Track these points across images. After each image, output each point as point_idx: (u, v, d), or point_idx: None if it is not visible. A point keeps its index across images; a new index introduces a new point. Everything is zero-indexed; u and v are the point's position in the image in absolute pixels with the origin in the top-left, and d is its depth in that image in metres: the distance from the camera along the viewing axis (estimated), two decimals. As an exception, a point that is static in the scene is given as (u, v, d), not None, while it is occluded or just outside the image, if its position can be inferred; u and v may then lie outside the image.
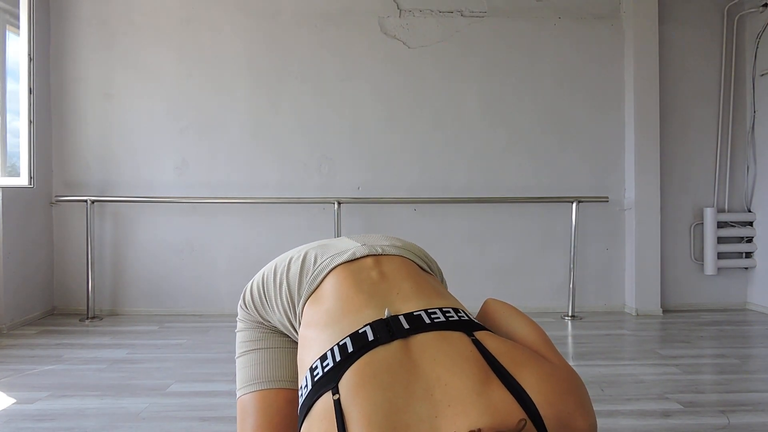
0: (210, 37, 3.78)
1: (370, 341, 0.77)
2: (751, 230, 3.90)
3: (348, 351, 0.76)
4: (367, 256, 1.02)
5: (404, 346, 0.77)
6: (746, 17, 3.93)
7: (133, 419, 1.98)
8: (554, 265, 3.86)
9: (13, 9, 3.22)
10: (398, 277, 0.95)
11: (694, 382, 2.38)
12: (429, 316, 0.82)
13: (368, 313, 0.84)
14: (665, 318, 3.68)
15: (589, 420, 0.71)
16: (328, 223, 3.73)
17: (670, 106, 3.89)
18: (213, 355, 2.79)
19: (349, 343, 0.78)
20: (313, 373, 0.77)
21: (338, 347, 0.78)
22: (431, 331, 0.79)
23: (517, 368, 0.72)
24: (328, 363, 0.76)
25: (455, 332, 0.79)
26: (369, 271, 0.97)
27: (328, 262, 1.02)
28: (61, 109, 3.76)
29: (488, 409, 0.66)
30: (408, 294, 0.90)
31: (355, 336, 0.79)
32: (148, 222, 3.78)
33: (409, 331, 0.79)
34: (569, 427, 0.69)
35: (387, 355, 0.75)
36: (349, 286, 0.94)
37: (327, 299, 0.94)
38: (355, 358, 0.74)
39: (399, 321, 0.81)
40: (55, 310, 3.76)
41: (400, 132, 3.84)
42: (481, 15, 3.85)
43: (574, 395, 0.72)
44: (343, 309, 0.88)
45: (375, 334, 0.78)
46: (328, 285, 0.98)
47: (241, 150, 3.80)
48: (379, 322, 0.81)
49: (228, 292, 3.76)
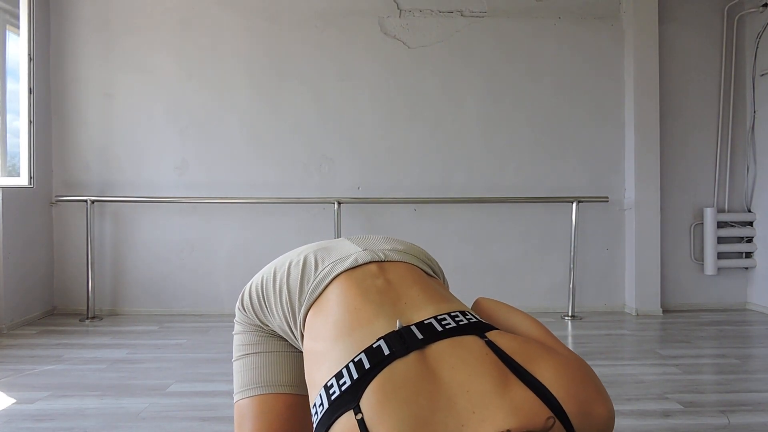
0: (210, 38, 3.78)
1: (387, 356, 0.76)
2: (751, 230, 3.90)
3: (365, 368, 0.75)
4: (371, 263, 1.00)
5: (421, 357, 0.76)
6: (746, 17, 3.93)
7: (133, 419, 1.98)
8: (554, 265, 3.86)
9: (13, 9, 3.22)
10: (404, 285, 0.94)
11: (694, 382, 2.38)
12: (440, 323, 0.82)
13: (379, 325, 0.83)
14: (665, 318, 3.68)
15: (608, 406, 0.73)
16: (328, 223, 3.73)
17: (670, 106, 3.89)
18: (213, 355, 2.79)
19: (365, 359, 0.77)
20: (329, 391, 0.76)
21: (354, 364, 0.77)
22: (445, 338, 0.79)
23: (532, 364, 0.73)
24: (345, 381, 0.75)
25: (468, 336, 0.79)
26: (374, 279, 0.96)
27: (330, 269, 1.00)
28: (61, 109, 3.76)
29: (513, 410, 0.67)
30: (416, 302, 0.89)
31: (370, 351, 0.78)
32: (148, 222, 3.78)
33: (423, 341, 0.78)
34: (591, 416, 0.70)
35: (406, 369, 0.74)
36: (355, 295, 0.92)
37: (332, 310, 0.93)
38: (374, 374, 0.74)
39: (412, 332, 0.80)
40: (55, 310, 3.76)
41: (400, 132, 3.84)
42: (481, 15, 3.85)
43: (591, 384, 0.74)
44: (351, 321, 0.87)
45: (390, 348, 0.78)
46: (332, 294, 0.96)
47: (241, 150, 3.80)
48: (392, 335, 0.80)
49: (228, 292, 3.76)
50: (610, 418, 0.73)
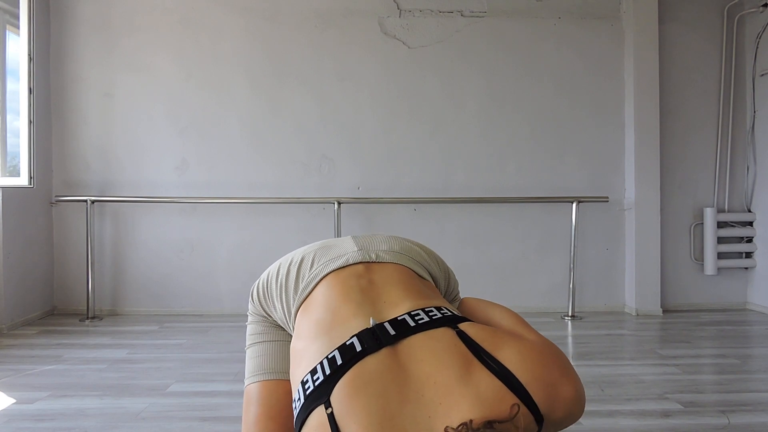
0: (210, 38, 3.78)
1: (358, 352, 0.78)
2: (751, 230, 3.90)
3: (337, 363, 0.77)
4: (360, 263, 1.04)
5: (392, 352, 0.78)
6: (746, 17, 3.93)
7: (133, 419, 1.98)
8: (554, 265, 3.86)
9: (13, 9, 3.22)
10: (387, 285, 0.97)
11: (694, 382, 2.38)
12: (413, 319, 0.84)
13: (355, 323, 0.86)
14: (665, 318, 3.68)
15: (575, 386, 0.74)
16: (328, 223, 3.73)
17: (670, 106, 3.89)
18: (213, 355, 2.79)
19: (338, 355, 0.79)
20: (305, 386, 0.78)
21: (327, 360, 0.79)
22: (416, 333, 0.81)
23: (498, 350, 0.75)
24: (318, 377, 0.77)
25: (440, 329, 0.81)
26: (358, 279, 0.99)
27: (320, 270, 1.05)
28: (61, 109, 3.76)
29: (477, 399, 0.68)
30: (395, 300, 0.92)
31: (343, 348, 0.80)
32: (148, 222, 3.78)
33: (395, 336, 0.80)
34: (557, 398, 0.71)
35: (376, 363, 0.76)
36: (338, 295, 0.96)
37: (316, 309, 0.96)
38: (345, 370, 0.76)
39: (385, 328, 0.82)
40: (55, 310, 3.76)
41: (400, 132, 3.84)
42: (481, 15, 3.85)
43: (556, 364, 0.74)
44: (331, 321, 0.90)
45: (362, 344, 0.80)
46: (318, 294, 1.00)
47: (241, 150, 3.80)
48: (365, 332, 0.82)
49: (228, 292, 3.76)
50: (578, 398, 0.73)
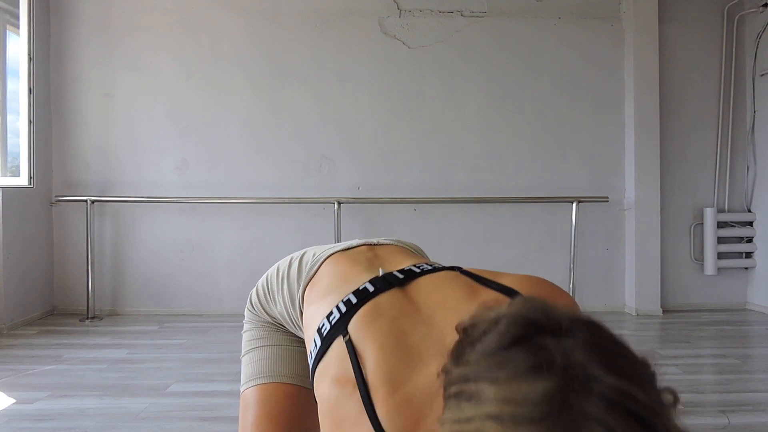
0: (210, 38, 3.78)
1: (372, 292, 0.84)
2: (751, 230, 3.90)
3: (352, 303, 0.82)
4: (363, 245, 1.09)
5: (402, 291, 0.85)
6: (746, 17, 3.93)
7: (133, 419, 1.98)
8: (554, 265, 3.86)
9: (13, 9, 3.22)
10: (390, 255, 1.04)
11: (694, 382, 2.38)
12: (418, 268, 0.91)
13: (366, 276, 0.91)
14: (665, 318, 3.68)
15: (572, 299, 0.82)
16: (328, 223, 3.73)
17: (670, 106, 3.89)
18: (213, 355, 2.79)
19: (353, 297, 0.84)
20: (321, 330, 0.82)
21: (343, 303, 0.84)
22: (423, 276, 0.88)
23: (500, 278, 0.83)
24: (335, 316, 0.82)
25: (444, 271, 0.89)
26: (364, 253, 1.05)
27: (325, 252, 1.09)
28: (61, 109, 3.76)
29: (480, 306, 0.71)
30: (400, 261, 0.98)
31: (357, 291, 0.85)
32: (148, 222, 3.78)
33: (404, 280, 0.87)
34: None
35: (389, 298, 0.82)
36: (345, 262, 1.01)
37: (325, 277, 1.01)
38: (360, 306, 0.81)
39: (394, 274, 0.89)
40: (55, 310, 3.75)
41: (399, 132, 3.84)
42: (481, 15, 3.85)
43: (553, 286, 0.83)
44: (342, 279, 0.95)
45: (375, 286, 0.85)
46: (326, 269, 1.04)
47: (241, 150, 3.80)
48: (376, 278, 0.88)
49: (228, 292, 3.76)
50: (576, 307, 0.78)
